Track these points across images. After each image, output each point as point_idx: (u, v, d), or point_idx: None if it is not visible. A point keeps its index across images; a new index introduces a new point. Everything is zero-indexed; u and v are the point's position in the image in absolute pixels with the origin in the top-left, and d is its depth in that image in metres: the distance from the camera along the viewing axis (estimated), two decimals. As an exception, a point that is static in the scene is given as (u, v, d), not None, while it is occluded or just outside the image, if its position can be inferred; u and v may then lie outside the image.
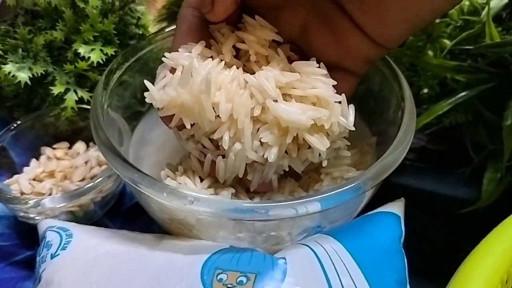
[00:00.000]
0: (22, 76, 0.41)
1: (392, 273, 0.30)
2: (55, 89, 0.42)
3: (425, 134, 0.47)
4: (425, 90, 0.42)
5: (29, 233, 0.40)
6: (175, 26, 0.32)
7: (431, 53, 0.41)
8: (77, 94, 0.43)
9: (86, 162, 0.42)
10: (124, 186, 0.44)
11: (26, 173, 0.42)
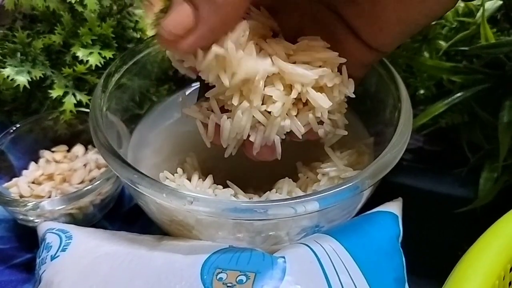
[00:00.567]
0: (21, 79, 0.41)
1: (390, 271, 0.30)
2: (54, 92, 0.42)
3: (421, 135, 0.47)
4: (421, 91, 0.42)
5: (28, 236, 0.41)
6: None
7: (427, 54, 0.41)
8: (75, 98, 0.43)
9: (85, 165, 0.43)
10: (123, 188, 0.44)
11: (25, 176, 0.42)
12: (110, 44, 0.43)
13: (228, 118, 0.30)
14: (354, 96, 0.31)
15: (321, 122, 0.31)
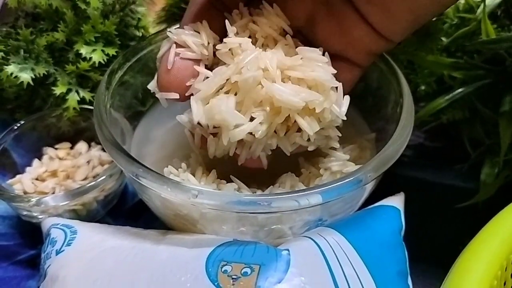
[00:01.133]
0: (25, 76, 0.41)
1: (393, 264, 0.30)
2: (57, 89, 0.42)
3: (423, 131, 0.47)
4: (422, 87, 0.43)
5: (31, 232, 0.41)
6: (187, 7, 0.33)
7: (428, 50, 0.41)
8: (79, 95, 0.43)
9: (88, 162, 0.43)
10: (126, 185, 0.44)
11: (28, 173, 0.42)
12: (113, 41, 0.44)
13: (214, 137, 0.31)
14: (345, 118, 0.31)
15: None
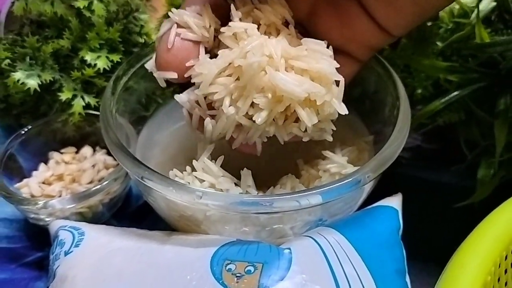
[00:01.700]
0: (32, 83, 0.42)
1: (392, 262, 0.31)
2: (63, 95, 0.43)
3: (420, 133, 0.48)
4: (419, 91, 0.43)
5: (38, 235, 0.42)
6: None
7: (424, 54, 0.42)
8: (84, 100, 0.44)
9: (93, 166, 0.44)
10: (130, 188, 0.45)
11: (35, 176, 0.43)
12: (117, 48, 0.45)
13: (212, 119, 0.31)
14: (346, 112, 0.31)
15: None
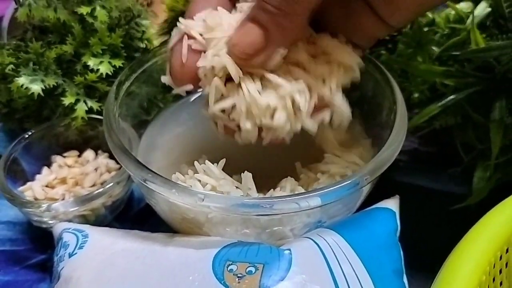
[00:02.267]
0: (35, 88, 0.43)
1: (389, 263, 0.32)
2: (66, 100, 0.44)
3: (416, 136, 0.49)
4: (415, 95, 0.44)
5: (41, 238, 0.42)
6: None
7: (421, 59, 0.43)
8: (86, 105, 0.44)
9: (96, 169, 0.44)
10: (132, 191, 0.46)
11: (39, 180, 0.44)
12: (119, 53, 0.45)
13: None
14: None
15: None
